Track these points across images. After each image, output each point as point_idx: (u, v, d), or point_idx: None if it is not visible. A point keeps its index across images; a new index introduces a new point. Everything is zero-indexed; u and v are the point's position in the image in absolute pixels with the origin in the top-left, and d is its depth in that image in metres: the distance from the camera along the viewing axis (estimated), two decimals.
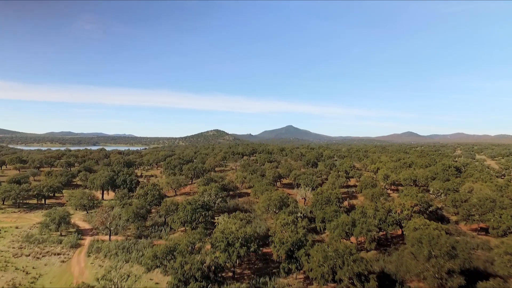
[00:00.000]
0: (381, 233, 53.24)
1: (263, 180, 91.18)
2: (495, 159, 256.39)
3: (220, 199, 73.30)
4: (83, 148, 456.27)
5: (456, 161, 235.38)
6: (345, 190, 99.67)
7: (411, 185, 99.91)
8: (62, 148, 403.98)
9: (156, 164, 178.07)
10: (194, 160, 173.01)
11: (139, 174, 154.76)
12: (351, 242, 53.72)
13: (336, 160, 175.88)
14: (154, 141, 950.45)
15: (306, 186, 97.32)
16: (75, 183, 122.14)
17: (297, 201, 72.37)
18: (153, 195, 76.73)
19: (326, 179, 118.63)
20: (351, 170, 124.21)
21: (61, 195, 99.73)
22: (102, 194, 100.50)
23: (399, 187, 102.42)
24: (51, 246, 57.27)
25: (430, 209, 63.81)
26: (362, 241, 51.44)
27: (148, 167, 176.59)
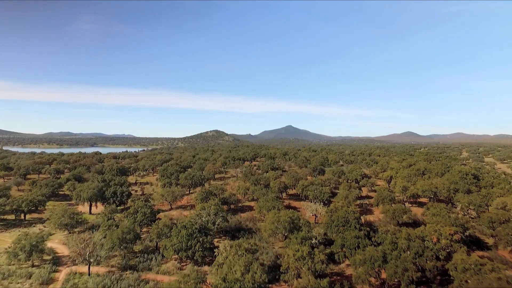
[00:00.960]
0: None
1: (268, 194, 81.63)
2: (504, 162, 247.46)
3: (220, 219, 63.72)
4: (78, 151, 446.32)
5: (465, 164, 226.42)
6: (358, 201, 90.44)
7: (431, 197, 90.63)
8: (56, 151, 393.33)
9: (152, 170, 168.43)
10: (193, 165, 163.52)
11: (133, 181, 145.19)
12: (382, 280, 44.27)
13: (342, 165, 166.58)
14: (153, 141, 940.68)
15: (315, 199, 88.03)
16: (63, 192, 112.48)
17: (310, 223, 62.75)
18: (144, 214, 67.13)
19: (335, 188, 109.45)
20: (362, 179, 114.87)
21: (45, 208, 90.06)
22: (90, 207, 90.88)
23: (418, 199, 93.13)
24: (18, 282, 47.61)
25: (467, 233, 54.47)
26: (395, 279, 41.95)
27: (144, 172, 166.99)
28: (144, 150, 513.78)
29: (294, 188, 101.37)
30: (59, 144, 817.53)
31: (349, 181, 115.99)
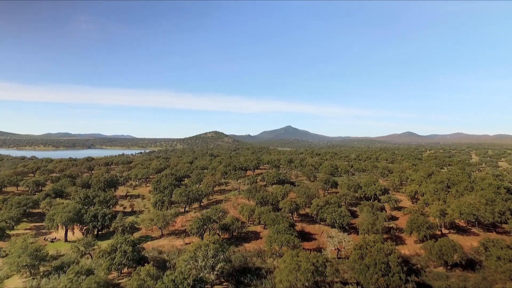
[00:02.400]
0: None
1: (279, 220, 67.31)
2: None
3: (221, 263, 49.38)
4: (74, 153, 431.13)
5: (480, 170, 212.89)
6: (385, 223, 76.38)
7: (472, 222, 76.66)
8: (51, 153, 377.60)
9: (145, 180, 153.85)
10: (190, 174, 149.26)
11: (124, 193, 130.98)
12: None
13: (353, 174, 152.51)
14: (151, 143, 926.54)
15: (334, 223, 74.16)
16: (39, 211, 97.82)
17: (338, 271, 48.47)
18: (124, 253, 52.74)
19: (352, 204, 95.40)
20: (382, 194, 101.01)
21: (12, 234, 75.59)
22: (66, 234, 76.39)
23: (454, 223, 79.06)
24: None
25: None
26: None
27: (136, 182, 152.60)
28: (141, 152, 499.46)
29: (308, 207, 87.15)
30: (55, 146, 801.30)
31: (366, 196, 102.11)
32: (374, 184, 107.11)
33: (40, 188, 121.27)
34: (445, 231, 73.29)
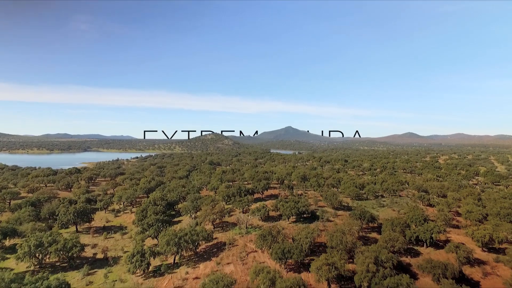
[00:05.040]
0: None
1: None
2: None
3: None
4: (61, 160, 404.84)
5: None
6: None
7: None
8: (44, 157, 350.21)
9: (131, 203, 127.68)
10: (186, 197, 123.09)
11: (102, 223, 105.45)
12: None
13: (384, 196, 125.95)
14: (150, 145, 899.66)
15: None
16: None
17: None
18: None
19: (400, 253, 69.68)
20: (438, 233, 75.34)
21: None
22: None
23: None
24: None
25: None
26: None
27: (121, 206, 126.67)
28: (137, 157, 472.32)
29: (349, 262, 61.20)
30: (49, 148, 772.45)
31: (418, 238, 76.16)
32: (426, 222, 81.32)
33: None
34: None
